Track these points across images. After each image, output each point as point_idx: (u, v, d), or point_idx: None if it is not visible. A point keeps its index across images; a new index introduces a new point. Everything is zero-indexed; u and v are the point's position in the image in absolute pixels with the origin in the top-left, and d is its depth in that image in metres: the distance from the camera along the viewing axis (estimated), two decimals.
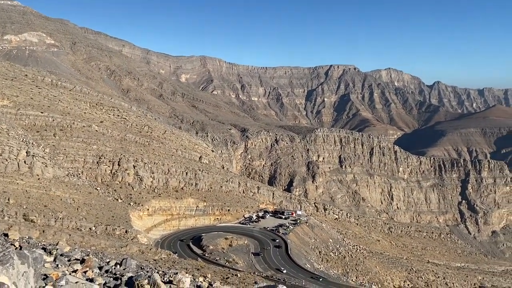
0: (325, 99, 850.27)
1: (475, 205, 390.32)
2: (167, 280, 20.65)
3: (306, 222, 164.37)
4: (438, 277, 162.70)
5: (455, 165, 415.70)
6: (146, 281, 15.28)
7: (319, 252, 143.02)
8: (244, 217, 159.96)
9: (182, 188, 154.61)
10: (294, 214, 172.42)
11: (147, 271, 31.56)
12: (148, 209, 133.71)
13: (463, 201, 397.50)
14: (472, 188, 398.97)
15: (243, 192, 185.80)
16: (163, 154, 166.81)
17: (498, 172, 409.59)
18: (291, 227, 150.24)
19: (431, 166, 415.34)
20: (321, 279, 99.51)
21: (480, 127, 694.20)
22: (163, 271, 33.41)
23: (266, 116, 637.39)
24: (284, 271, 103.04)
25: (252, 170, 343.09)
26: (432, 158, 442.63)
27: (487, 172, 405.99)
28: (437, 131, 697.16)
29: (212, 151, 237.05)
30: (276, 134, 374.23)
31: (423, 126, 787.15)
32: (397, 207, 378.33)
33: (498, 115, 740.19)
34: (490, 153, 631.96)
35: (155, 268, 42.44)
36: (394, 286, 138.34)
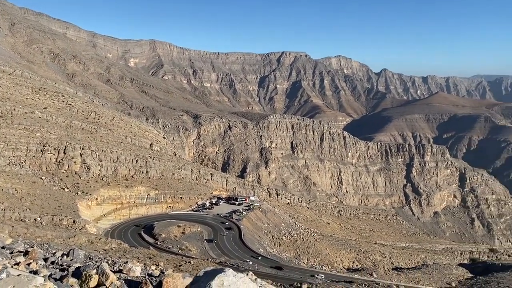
0: (278, 85, 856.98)
1: (418, 188, 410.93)
2: (117, 269, 20.14)
3: (259, 208, 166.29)
4: (385, 257, 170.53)
5: (401, 149, 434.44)
6: (95, 271, 14.76)
7: (272, 236, 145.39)
8: (197, 204, 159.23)
9: (132, 176, 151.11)
10: (247, 200, 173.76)
11: (96, 261, 30.67)
12: (96, 198, 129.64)
13: (408, 184, 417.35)
14: (416, 171, 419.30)
15: (196, 179, 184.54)
16: (112, 142, 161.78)
17: (440, 156, 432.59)
18: (245, 213, 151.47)
19: (378, 151, 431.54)
20: (260, 258, 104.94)
21: (424, 113, 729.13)
22: (113, 261, 32.59)
23: (219, 102, 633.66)
24: (260, 258, 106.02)
25: (205, 157, 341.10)
26: (379, 143, 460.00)
27: (430, 156, 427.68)
28: (384, 117, 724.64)
29: (164, 138, 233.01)
30: (229, 121, 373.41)
31: (371, 113, 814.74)
32: (346, 191, 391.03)
33: (440, 102, 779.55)
34: (433, 138, 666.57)
35: (105, 258, 41.33)
36: (343, 267, 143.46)
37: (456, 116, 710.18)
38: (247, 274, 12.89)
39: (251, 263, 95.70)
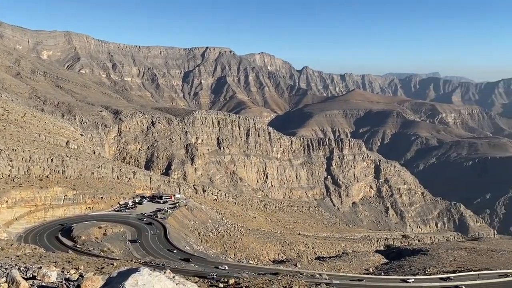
0: (202, 81, 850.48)
1: (338, 180, 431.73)
2: (30, 276, 18.64)
3: (185, 205, 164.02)
4: (308, 247, 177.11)
5: (321, 144, 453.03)
6: (4, 279, 13.51)
7: (199, 233, 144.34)
8: (120, 204, 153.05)
9: (47, 177, 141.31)
10: (172, 198, 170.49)
11: (6, 268, 28.17)
12: (7, 201, 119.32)
13: (328, 176, 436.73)
14: (335, 164, 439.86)
15: (118, 178, 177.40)
16: (23, 140, 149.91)
17: (357, 150, 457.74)
18: (170, 211, 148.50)
19: (300, 146, 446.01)
20: (175, 251, 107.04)
21: (342, 109, 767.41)
22: (26, 267, 30.17)
23: (141, 98, 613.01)
24: (175, 251, 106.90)
25: (127, 154, 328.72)
26: (301, 138, 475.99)
27: (348, 150, 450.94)
28: (306, 113, 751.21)
29: (81, 135, 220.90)
30: (152, 116, 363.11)
31: (293, 109, 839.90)
32: (272, 185, 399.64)
33: (357, 98, 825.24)
34: (351, 132, 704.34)
35: (16, 265, 38.18)
36: (269, 259, 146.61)
37: (371, 112, 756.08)
38: (165, 272, 12.54)
39: (181, 263, 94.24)
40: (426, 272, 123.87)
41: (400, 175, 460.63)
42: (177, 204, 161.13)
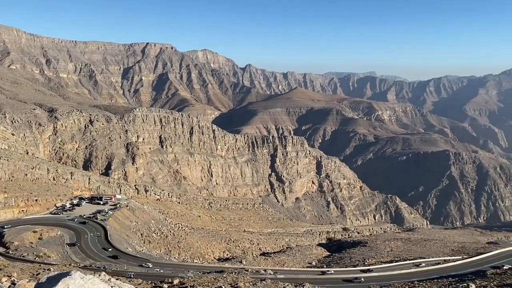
0: (143, 77, 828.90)
1: (282, 176, 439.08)
2: None
3: (127, 206, 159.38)
4: (253, 243, 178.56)
5: (265, 141, 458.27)
6: None
7: (141, 234, 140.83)
8: (56, 207, 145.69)
9: None
10: (113, 199, 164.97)
11: None
12: None
13: (273, 173, 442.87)
14: (279, 161, 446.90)
15: (54, 179, 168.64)
16: None
17: (300, 146, 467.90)
18: (110, 212, 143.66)
19: (245, 143, 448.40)
20: (110, 249, 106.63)
21: (285, 107, 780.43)
22: None
23: (78, 95, 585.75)
24: (110, 249, 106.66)
25: (63, 154, 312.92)
26: (246, 135, 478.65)
27: (291, 147, 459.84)
28: (250, 110, 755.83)
29: (13, 134, 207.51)
30: (90, 114, 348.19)
31: (237, 106, 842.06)
32: (216, 183, 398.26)
33: (299, 96, 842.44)
34: (293, 129, 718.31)
35: None
36: (214, 258, 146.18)
37: (312, 110, 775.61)
38: (99, 275, 12.09)
39: (124, 265, 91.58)
40: (366, 263, 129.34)
41: (340, 170, 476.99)
42: (118, 205, 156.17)
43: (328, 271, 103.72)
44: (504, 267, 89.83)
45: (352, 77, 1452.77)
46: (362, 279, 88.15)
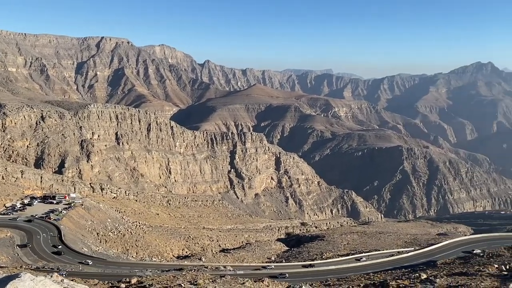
0: (98, 73, 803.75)
1: (241, 173, 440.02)
2: None
3: (82, 205, 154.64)
4: (213, 240, 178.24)
5: (225, 138, 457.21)
6: None
7: (97, 233, 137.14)
8: (6, 207, 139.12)
9: None
10: (67, 198, 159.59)
11: None
12: None
13: (232, 169, 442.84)
14: (239, 157, 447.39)
15: (3, 178, 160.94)
16: None
17: (259, 143, 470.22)
18: (64, 212, 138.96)
19: (204, 140, 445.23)
20: (60, 246, 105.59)
21: (244, 104, 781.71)
22: None
23: (28, 90, 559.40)
24: (60, 246, 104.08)
25: (13, 152, 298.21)
26: (205, 132, 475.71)
27: (250, 143, 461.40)
28: (209, 107, 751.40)
29: None
30: (42, 111, 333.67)
31: (196, 103, 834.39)
32: (175, 180, 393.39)
33: (258, 93, 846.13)
34: (253, 126, 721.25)
35: None
36: (173, 255, 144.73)
37: (271, 106, 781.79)
38: (51, 276, 11.78)
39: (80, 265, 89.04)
40: (324, 257, 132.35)
41: (299, 166, 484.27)
42: (72, 204, 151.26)
43: (268, 266, 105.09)
44: (474, 251, 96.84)
45: (310, 74, 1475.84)
46: (287, 275, 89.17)
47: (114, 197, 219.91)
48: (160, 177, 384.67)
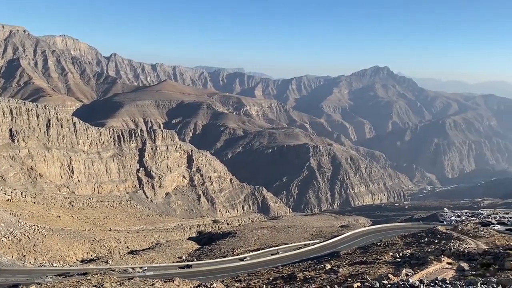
0: None
1: (151, 171, 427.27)
2: None
3: None
4: (120, 242, 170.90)
5: (133, 135, 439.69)
6: None
7: None
8: None
9: None
10: None
11: None
12: None
13: (141, 168, 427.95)
14: (148, 155, 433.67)
15: None
16: None
17: (170, 140, 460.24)
18: None
19: (110, 137, 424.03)
20: None
21: (154, 100, 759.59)
22: None
23: None
24: None
25: None
26: (111, 129, 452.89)
27: (161, 141, 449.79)
28: (116, 102, 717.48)
29: None
30: None
31: (102, 98, 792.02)
32: (78, 180, 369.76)
33: (169, 89, 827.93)
34: (163, 123, 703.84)
35: None
36: (77, 260, 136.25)
37: (183, 103, 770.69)
38: None
39: None
40: (235, 253, 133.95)
41: (211, 164, 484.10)
42: None
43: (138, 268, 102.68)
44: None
45: (222, 72, 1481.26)
46: (142, 272, 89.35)
47: (9, 199, 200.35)
48: (62, 177, 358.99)
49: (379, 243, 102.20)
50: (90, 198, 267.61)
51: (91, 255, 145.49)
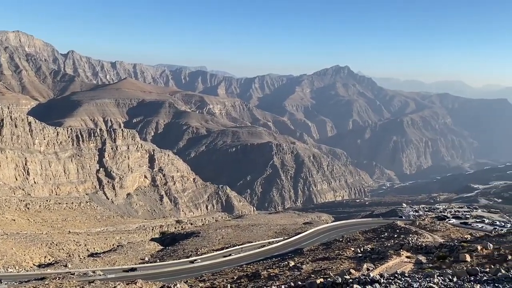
0: None
1: (112, 172, 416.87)
2: None
3: None
4: (80, 245, 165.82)
5: (92, 134, 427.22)
6: None
7: None
8: None
9: None
10: None
11: None
12: None
13: (101, 168, 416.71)
14: (108, 156, 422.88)
15: None
16: None
17: (131, 140, 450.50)
18: None
19: (68, 137, 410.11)
20: None
21: (114, 98, 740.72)
22: None
23: None
24: None
25: None
26: (69, 128, 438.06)
27: (122, 140, 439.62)
28: (74, 101, 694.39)
29: None
30: None
31: (59, 96, 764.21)
32: (35, 182, 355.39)
33: (129, 87, 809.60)
34: (124, 122, 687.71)
35: None
36: (34, 264, 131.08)
37: (144, 102, 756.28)
38: None
39: None
40: (199, 253, 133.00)
41: (174, 163, 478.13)
42: None
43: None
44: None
45: (184, 70, 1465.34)
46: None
47: None
48: (17, 179, 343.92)
49: (341, 239, 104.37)
50: (47, 200, 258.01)
51: (49, 259, 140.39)
